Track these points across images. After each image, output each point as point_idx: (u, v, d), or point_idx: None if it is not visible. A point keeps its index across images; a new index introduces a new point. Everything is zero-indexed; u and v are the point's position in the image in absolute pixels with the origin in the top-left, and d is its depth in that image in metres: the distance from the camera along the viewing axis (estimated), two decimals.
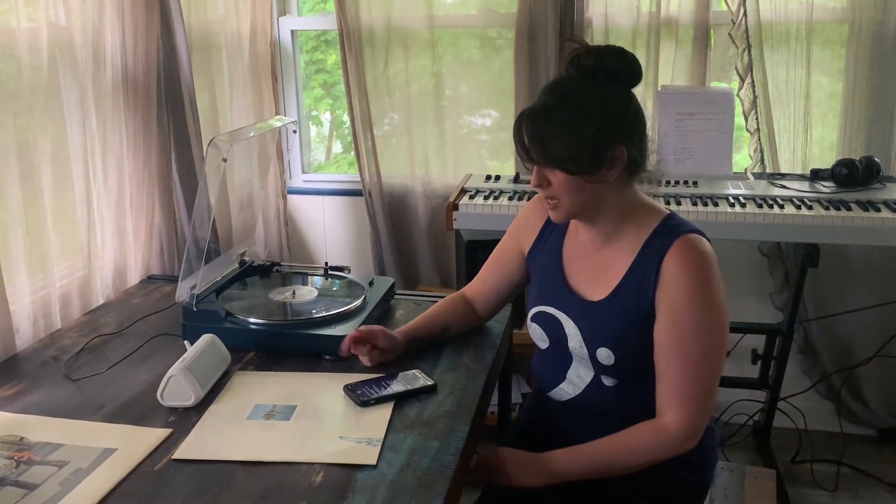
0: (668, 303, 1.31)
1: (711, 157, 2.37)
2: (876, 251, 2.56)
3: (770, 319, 2.62)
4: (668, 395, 1.31)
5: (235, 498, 1.13)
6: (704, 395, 1.31)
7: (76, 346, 1.66)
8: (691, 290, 1.29)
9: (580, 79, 1.32)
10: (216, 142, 1.53)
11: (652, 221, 1.37)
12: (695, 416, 1.30)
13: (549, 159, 1.30)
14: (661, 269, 1.31)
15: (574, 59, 1.32)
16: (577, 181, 1.31)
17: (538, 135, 1.30)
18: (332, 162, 3.32)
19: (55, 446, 1.26)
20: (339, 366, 1.55)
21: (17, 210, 1.67)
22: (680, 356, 1.30)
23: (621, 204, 1.37)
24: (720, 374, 1.33)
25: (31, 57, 1.69)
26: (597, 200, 1.35)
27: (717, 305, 1.30)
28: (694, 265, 1.30)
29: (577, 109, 1.29)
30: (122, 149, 2.00)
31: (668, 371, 1.31)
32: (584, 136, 1.27)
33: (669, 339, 1.31)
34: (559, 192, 1.34)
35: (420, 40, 2.71)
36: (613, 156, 1.30)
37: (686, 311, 1.29)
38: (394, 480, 1.17)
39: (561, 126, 1.28)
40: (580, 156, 1.28)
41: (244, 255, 1.95)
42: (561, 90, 1.32)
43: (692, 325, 1.29)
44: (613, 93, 1.31)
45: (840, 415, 2.72)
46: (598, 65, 1.30)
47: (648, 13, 2.51)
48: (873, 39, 2.41)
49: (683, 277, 1.29)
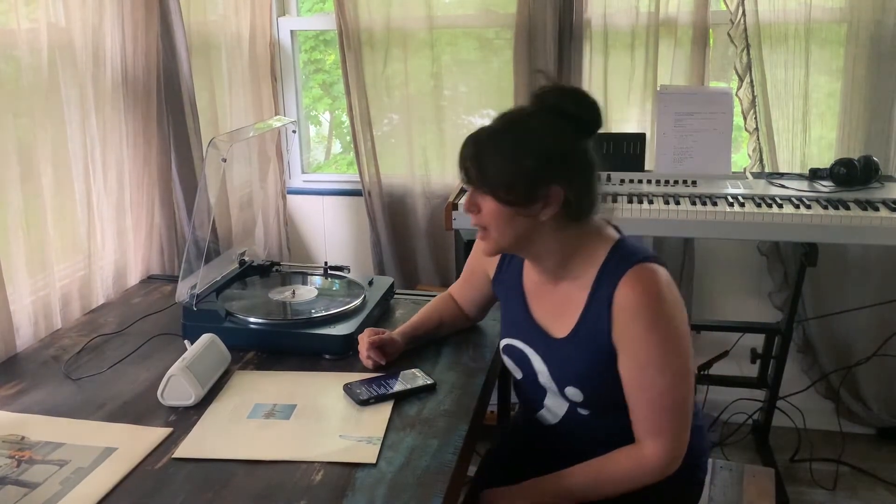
0: (624, 341, 1.27)
1: (710, 157, 2.37)
2: (874, 250, 2.56)
3: (769, 319, 2.62)
4: (642, 429, 1.30)
5: (236, 496, 1.14)
6: (678, 424, 1.29)
7: (76, 345, 1.66)
8: (646, 327, 1.25)
9: (536, 113, 1.29)
10: (216, 142, 1.54)
11: (600, 252, 1.31)
12: (671, 444, 1.28)
13: (483, 183, 1.28)
14: (612, 306, 1.27)
15: (538, 93, 1.31)
16: (507, 212, 1.27)
17: (477, 156, 1.28)
18: (331, 162, 3.32)
19: (56, 445, 1.26)
20: (339, 365, 1.55)
21: (18, 210, 1.67)
22: (646, 393, 1.27)
23: (561, 242, 1.32)
24: (691, 396, 1.30)
25: (31, 57, 1.69)
26: (529, 237, 1.31)
27: (675, 335, 1.26)
28: (643, 300, 1.25)
29: (521, 139, 1.26)
30: (121, 149, 2.01)
31: (637, 407, 1.29)
32: (522, 166, 1.24)
33: (632, 377, 1.28)
34: (489, 221, 1.30)
35: (419, 40, 2.71)
36: (548, 194, 1.25)
37: (644, 349, 1.26)
38: (393, 479, 1.17)
39: (501, 152, 1.26)
40: (514, 185, 1.25)
41: (244, 254, 1.95)
42: (512, 118, 1.30)
43: (653, 361, 1.26)
44: (564, 134, 1.27)
45: (839, 414, 2.73)
46: (558, 104, 1.28)
47: (647, 13, 2.51)
48: (871, 39, 2.41)
49: (635, 314, 1.25)
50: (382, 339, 1.55)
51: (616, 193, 2.23)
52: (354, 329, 1.61)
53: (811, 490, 2.46)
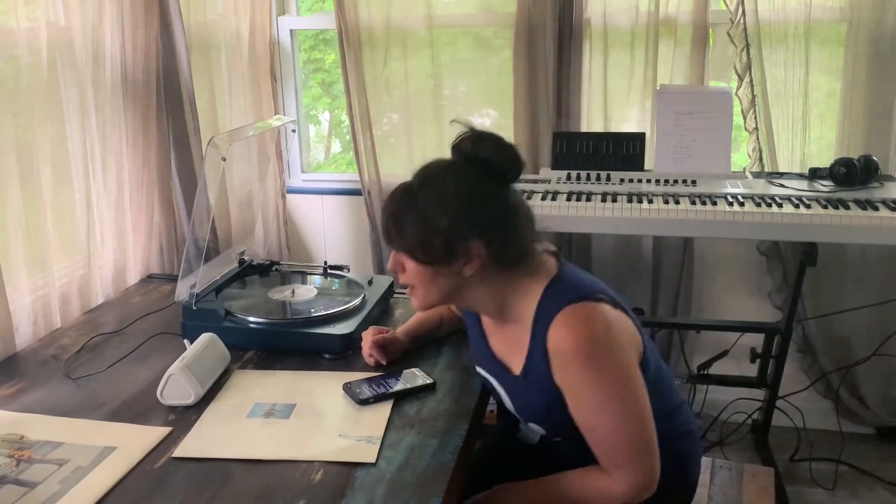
0: (564, 385, 1.23)
1: (710, 156, 2.37)
2: (874, 250, 2.56)
3: (768, 318, 2.62)
4: (604, 465, 1.26)
5: (235, 496, 1.13)
6: (637, 458, 1.24)
7: (76, 344, 1.66)
8: (581, 371, 1.20)
9: (453, 166, 1.26)
10: (215, 141, 1.54)
11: (536, 291, 1.27)
12: (636, 477, 1.24)
13: (401, 245, 1.26)
14: (548, 351, 1.23)
15: (454, 144, 1.28)
16: (428, 272, 1.25)
17: (395, 216, 1.26)
18: (330, 161, 3.32)
19: (55, 444, 1.26)
20: (339, 364, 1.55)
21: (17, 209, 1.67)
22: (596, 434, 1.24)
23: (493, 291, 1.28)
24: (647, 426, 1.24)
25: (30, 57, 1.69)
26: (458, 292, 1.29)
27: (614, 375, 1.21)
28: (574, 344, 1.19)
29: (436, 197, 1.23)
30: (121, 148, 2.01)
31: (593, 445, 1.26)
32: (438, 226, 1.21)
33: (580, 418, 1.25)
34: (413, 280, 1.28)
35: (419, 40, 2.71)
36: (469, 251, 1.23)
37: (585, 393, 1.22)
38: (393, 478, 1.17)
39: (417, 212, 1.23)
40: (431, 246, 1.22)
41: (243, 254, 1.95)
42: (428, 174, 1.27)
43: (596, 404, 1.22)
44: (481, 184, 1.24)
45: (838, 413, 2.72)
46: (474, 152, 1.25)
47: (647, 12, 2.51)
48: (871, 39, 2.41)
49: (568, 359, 1.20)
50: (386, 338, 1.55)
51: (616, 193, 2.23)
52: (354, 328, 1.61)
53: (810, 489, 2.46)
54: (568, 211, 2.16)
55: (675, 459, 1.38)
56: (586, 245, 2.72)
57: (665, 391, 1.39)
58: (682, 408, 1.45)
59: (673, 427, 1.40)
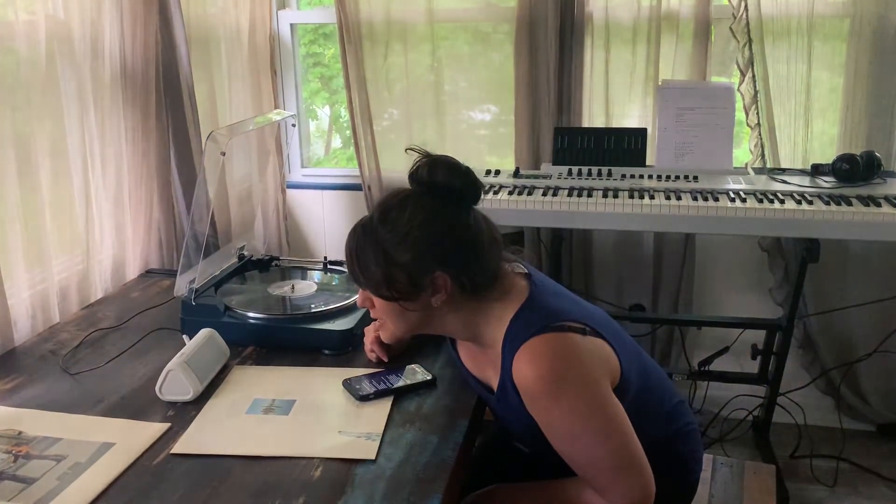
0: (535, 415, 1.20)
1: (712, 152, 2.36)
2: (876, 246, 2.56)
3: (770, 314, 2.62)
4: (595, 487, 1.23)
5: (234, 492, 1.13)
6: (625, 472, 1.21)
7: (74, 340, 1.65)
8: (549, 405, 1.17)
9: (411, 196, 1.24)
10: (215, 135, 1.53)
11: (505, 317, 1.24)
12: (628, 494, 1.21)
13: (365, 282, 1.25)
14: (515, 384, 1.20)
15: (410, 173, 1.25)
16: (395, 307, 1.25)
17: (356, 253, 1.24)
18: (330, 157, 3.31)
19: (53, 440, 1.26)
20: (338, 360, 1.55)
21: (16, 204, 1.66)
22: (576, 460, 1.22)
23: (463, 318, 1.27)
24: (630, 439, 1.21)
25: (29, 50, 1.68)
26: (428, 322, 1.28)
27: (583, 404, 1.17)
28: (538, 381, 1.16)
29: (396, 233, 1.21)
30: (120, 142, 2.00)
31: (578, 470, 1.23)
32: (400, 262, 1.20)
33: (559, 448, 1.22)
34: (383, 315, 1.29)
35: (419, 34, 2.70)
36: (434, 282, 1.21)
37: (558, 426, 1.19)
38: (393, 475, 1.17)
39: (377, 249, 1.21)
40: (394, 282, 1.21)
41: (243, 249, 1.94)
42: (387, 207, 1.24)
43: (570, 435, 1.19)
44: (440, 213, 1.22)
45: (839, 410, 2.72)
46: (430, 179, 1.23)
47: (649, 7, 2.50)
48: (874, 34, 2.40)
49: (535, 397, 1.17)
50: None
51: (617, 189, 2.22)
52: (354, 324, 1.60)
53: (811, 486, 2.46)
54: (569, 207, 2.16)
55: (676, 459, 1.38)
56: (587, 241, 2.71)
57: (660, 394, 1.38)
58: (681, 407, 1.44)
59: (673, 427, 1.39)
